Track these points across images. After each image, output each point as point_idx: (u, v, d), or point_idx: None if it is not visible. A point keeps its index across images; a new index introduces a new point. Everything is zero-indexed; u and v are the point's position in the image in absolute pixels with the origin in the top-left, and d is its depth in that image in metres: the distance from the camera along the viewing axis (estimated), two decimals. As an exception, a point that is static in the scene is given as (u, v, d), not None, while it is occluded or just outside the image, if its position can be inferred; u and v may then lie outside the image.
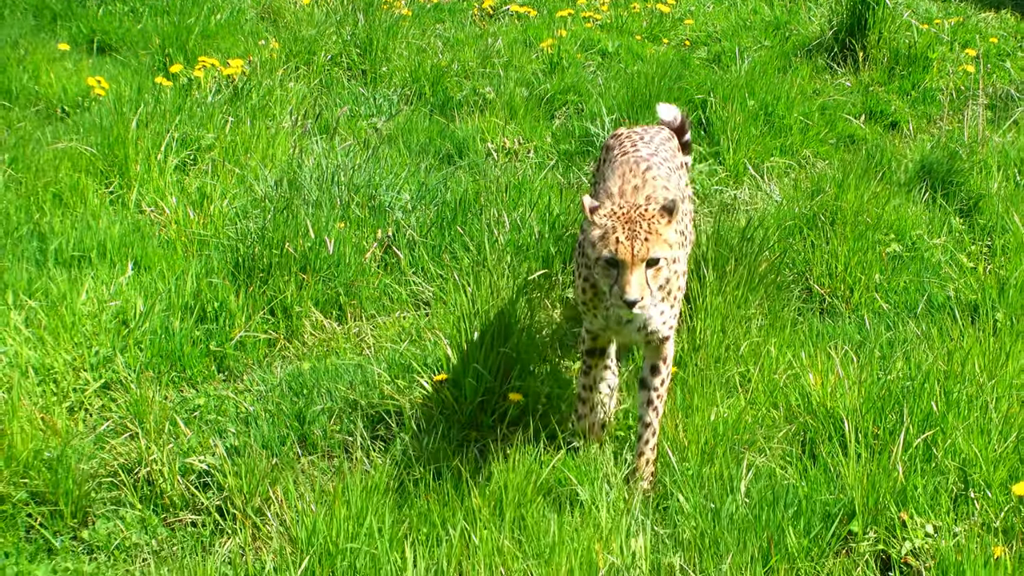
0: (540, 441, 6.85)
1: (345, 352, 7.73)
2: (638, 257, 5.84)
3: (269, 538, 6.11)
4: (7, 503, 6.34)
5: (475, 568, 5.72)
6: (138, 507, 6.47)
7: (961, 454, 6.45)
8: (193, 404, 7.25)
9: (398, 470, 6.48)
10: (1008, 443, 6.47)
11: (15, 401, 6.81)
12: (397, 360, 7.41)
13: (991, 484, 6.26)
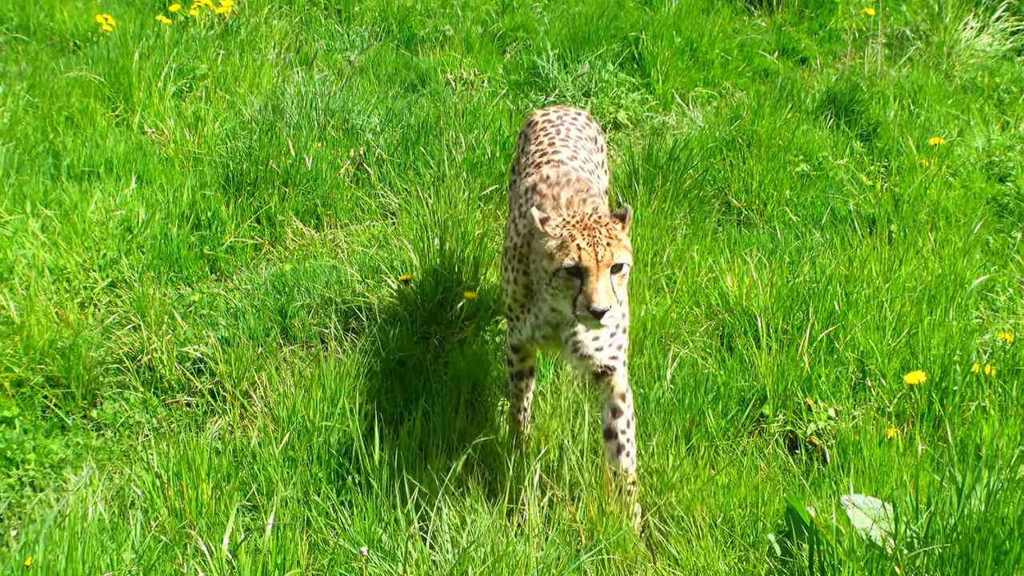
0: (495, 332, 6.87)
1: (322, 256, 7.72)
2: (603, 263, 4.96)
3: (255, 417, 6.12)
4: (25, 386, 6.36)
5: (435, 443, 5.73)
6: (140, 390, 6.49)
7: (859, 347, 6.50)
8: (189, 300, 7.25)
9: (368, 358, 6.48)
10: (900, 338, 6.51)
11: (33, 297, 6.83)
12: (367, 263, 7.41)
13: (886, 374, 6.30)
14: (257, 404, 6.18)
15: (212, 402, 6.38)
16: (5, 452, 5.93)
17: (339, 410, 5.91)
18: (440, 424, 5.87)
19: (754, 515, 5.29)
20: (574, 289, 4.97)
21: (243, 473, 5.56)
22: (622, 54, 10.89)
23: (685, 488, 5.49)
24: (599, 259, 4.92)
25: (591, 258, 4.92)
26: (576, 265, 4.94)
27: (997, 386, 6.18)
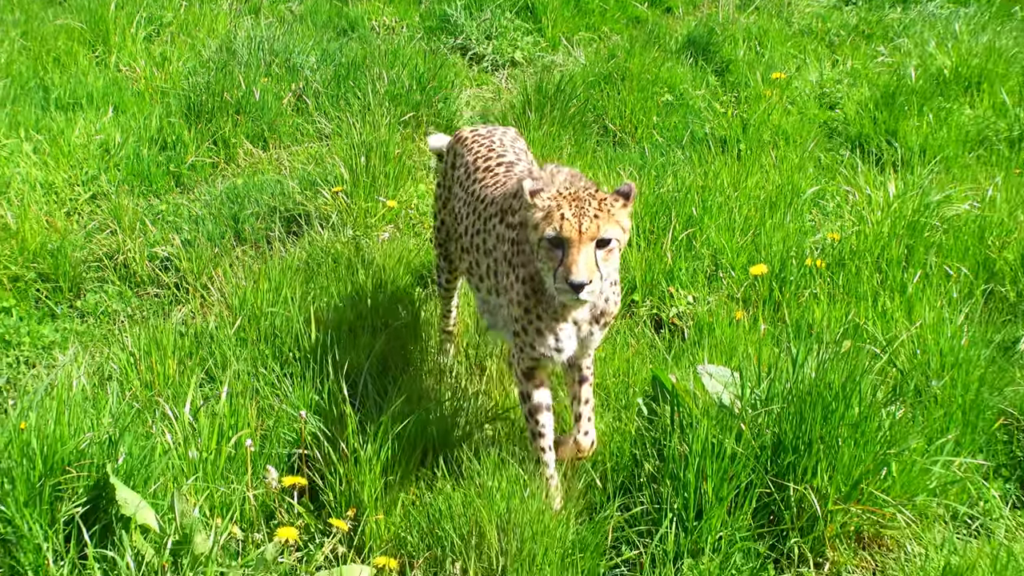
0: (411, 234, 6.89)
1: (268, 172, 7.72)
2: (586, 234, 4.14)
3: (212, 305, 6.13)
4: (20, 282, 6.38)
5: (362, 325, 5.75)
6: (117, 284, 6.50)
7: (713, 245, 6.56)
8: (157, 209, 7.25)
9: (306, 256, 6.50)
10: (747, 237, 6.57)
11: (26, 208, 6.91)
12: (306, 177, 7.39)
13: (735, 267, 6.38)
14: (214, 294, 6.18)
15: (177, 293, 6.39)
16: (3, 336, 5.93)
17: (282, 298, 5.91)
18: (366, 309, 5.89)
19: (625, 383, 5.35)
20: (555, 260, 4.18)
21: (202, 351, 5.57)
22: (518, 4, 10.83)
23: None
24: (582, 230, 4.11)
25: (573, 229, 4.12)
26: (557, 235, 4.14)
27: (826, 276, 6.28)
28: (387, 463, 4.63)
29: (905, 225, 6.64)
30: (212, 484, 4.48)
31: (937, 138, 8.06)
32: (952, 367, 5.37)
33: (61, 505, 4.22)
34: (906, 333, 5.66)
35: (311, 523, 4.49)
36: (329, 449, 4.70)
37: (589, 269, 4.11)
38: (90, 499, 4.25)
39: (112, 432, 4.44)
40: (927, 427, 5.06)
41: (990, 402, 5.28)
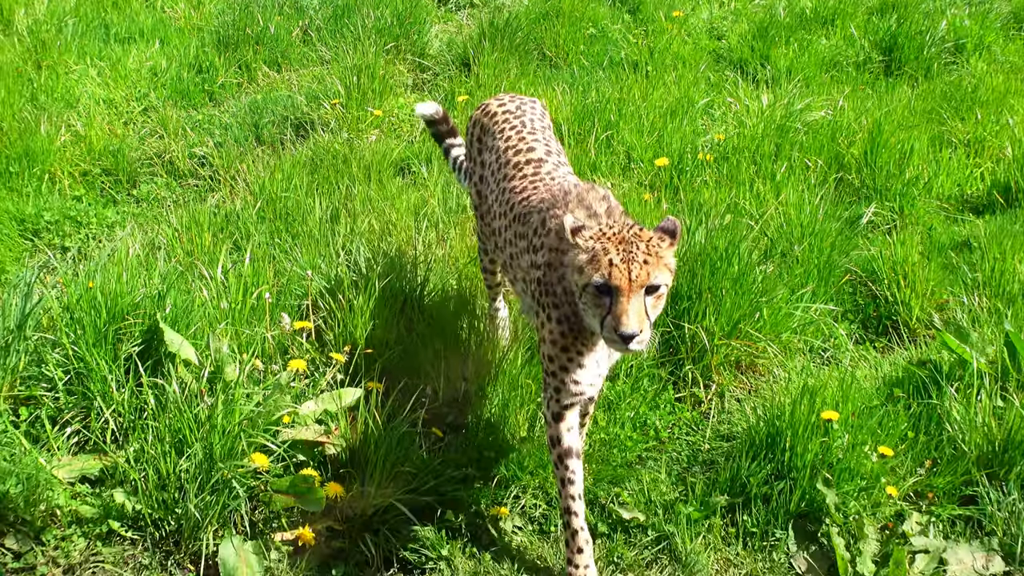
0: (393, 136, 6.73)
1: (281, 89, 7.47)
2: (636, 282, 3.17)
3: (238, 192, 5.99)
4: (88, 175, 6.34)
5: (352, 207, 5.64)
6: (164, 177, 6.37)
7: (627, 143, 6.45)
8: (195, 119, 7.03)
9: (311, 153, 6.35)
10: (653, 137, 6.47)
11: (92, 118, 6.77)
12: (311, 93, 7.16)
13: (643, 160, 6.28)
14: (240, 184, 6.04)
15: (211, 183, 6.25)
16: (76, 217, 5.80)
17: (293, 185, 5.79)
18: (359, 191, 5.77)
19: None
20: (603, 308, 3.21)
21: (231, 227, 5.48)
22: None
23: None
24: (632, 278, 3.15)
25: (623, 276, 3.14)
26: (606, 283, 3.16)
27: (714, 167, 6.20)
28: (374, 310, 4.56)
29: (775, 128, 6.57)
30: (239, 328, 4.40)
31: (800, 62, 7.94)
32: (810, 236, 5.38)
33: (121, 346, 4.16)
34: (774, 209, 5.64)
35: (316, 357, 4.43)
36: (330, 300, 4.62)
37: (639, 319, 3.15)
38: (144, 341, 4.20)
39: (160, 288, 4.37)
40: (790, 281, 5.06)
41: (839, 263, 5.32)
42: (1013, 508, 3.91)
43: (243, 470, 3.76)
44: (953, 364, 4.57)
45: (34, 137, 6.26)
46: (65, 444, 3.96)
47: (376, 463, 3.81)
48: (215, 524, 3.68)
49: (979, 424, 4.18)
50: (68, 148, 6.38)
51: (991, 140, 6.78)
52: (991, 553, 3.82)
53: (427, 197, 5.80)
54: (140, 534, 3.71)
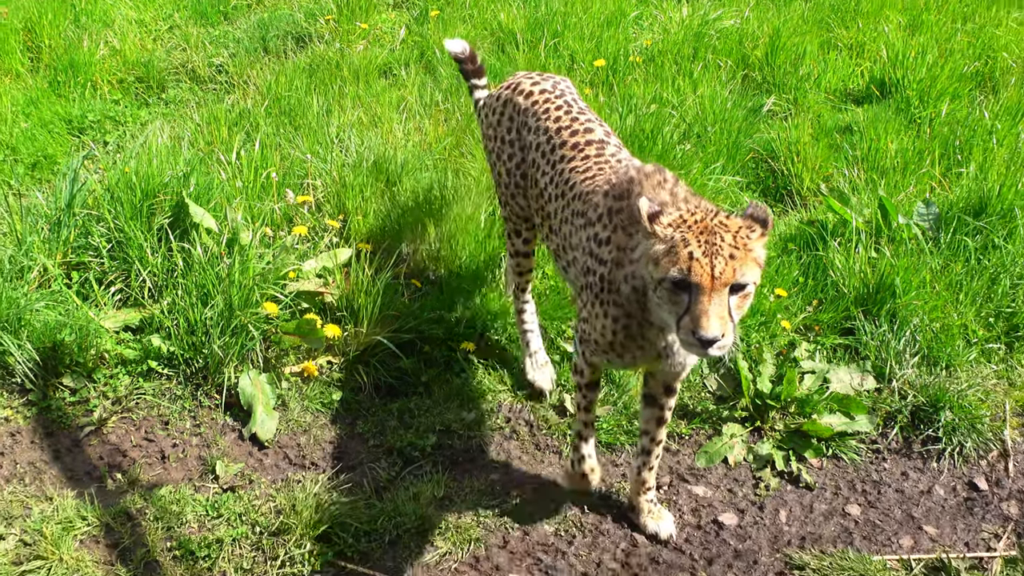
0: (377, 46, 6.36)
1: (284, 9, 6.94)
2: (720, 280, 2.28)
3: (249, 93, 5.61)
4: (124, 83, 5.97)
5: (344, 104, 5.34)
6: (188, 83, 5.98)
7: (571, 49, 6.11)
8: (212, 35, 6.53)
9: (309, 61, 5.98)
10: (592, 43, 6.13)
11: (126, 35, 6.34)
12: (309, 11, 6.68)
13: (585, 62, 5.96)
14: (251, 87, 5.68)
15: (227, 88, 5.85)
16: (115, 117, 5.52)
17: (294, 86, 5.47)
18: (350, 91, 5.47)
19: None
20: (680, 306, 2.32)
21: (244, 121, 5.15)
22: None
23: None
24: (715, 275, 2.25)
25: (705, 273, 2.25)
26: (685, 279, 2.27)
27: (642, 68, 5.91)
28: (363, 186, 4.35)
29: (693, 34, 6.25)
30: (251, 202, 4.19)
31: (715, -19, 7.57)
32: (720, 121, 5.17)
33: (154, 219, 3.95)
34: (692, 101, 5.41)
35: (315, 224, 4.23)
36: (326, 177, 4.41)
37: (721, 322, 2.25)
38: (172, 214, 3.98)
39: (185, 171, 4.13)
40: (704, 157, 4.88)
41: (744, 143, 5.13)
42: (883, 338, 3.86)
43: (257, 317, 3.61)
44: (836, 223, 4.45)
45: (77, 51, 5.88)
46: (110, 301, 3.79)
47: (365, 308, 3.67)
48: (235, 361, 3.55)
49: (857, 271, 4.09)
50: (106, 60, 5.99)
51: (870, 44, 6.53)
52: (865, 374, 3.78)
53: (406, 95, 5.51)
54: (174, 371, 3.58)
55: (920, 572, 2.99)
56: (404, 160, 4.64)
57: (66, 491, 3.12)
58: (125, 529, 2.99)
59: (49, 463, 3.23)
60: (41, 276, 3.82)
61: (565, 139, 3.12)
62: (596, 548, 3.05)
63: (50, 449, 3.28)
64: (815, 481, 3.35)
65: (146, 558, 2.90)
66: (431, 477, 3.26)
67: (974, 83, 5.96)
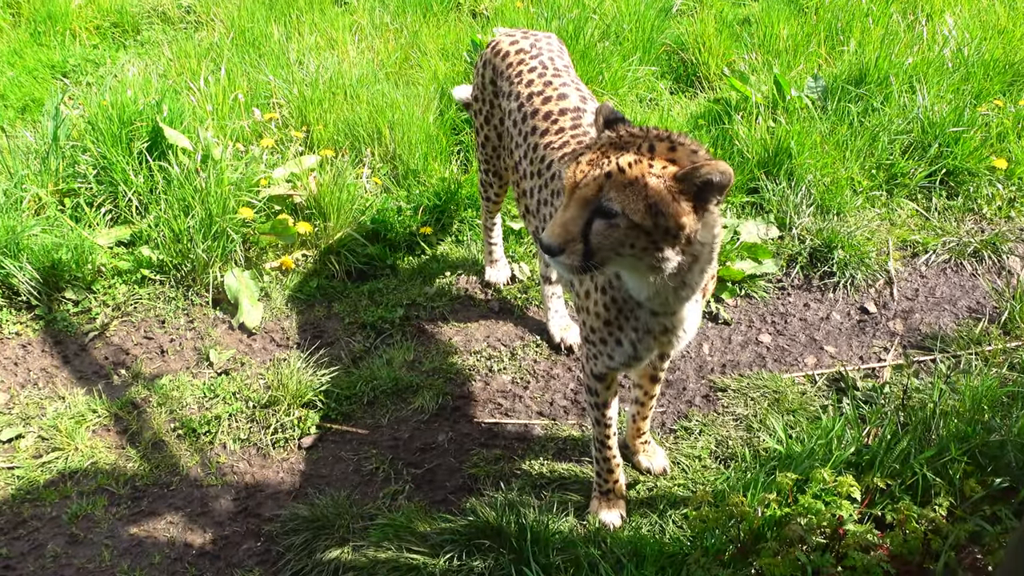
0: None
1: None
2: (579, 192, 1.62)
3: (217, 28, 5.11)
4: (100, 28, 5.35)
5: (302, 31, 4.87)
6: (160, 24, 5.43)
7: None
8: (180, -19, 5.96)
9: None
10: None
11: None
12: None
13: None
14: (217, 22, 5.15)
15: (196, 26, 5.32)
16: (95, 60, 5.01)
17: (255, 18, 4.96)
18: (307, 18, 4.98)
19: (457, 46, 4.64)
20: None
21: (212, 53, 4.67)
22: None
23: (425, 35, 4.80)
24: (577, 182, 1.64)
25: (569, 176, 1.67)
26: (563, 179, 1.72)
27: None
28: (322, 98, 3.97)
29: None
30: (222, 122, 3.80)
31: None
32: (635, 20, 4.77)
33: (134, 144, 3.55)
34: (609, 3, 5.01)
35: (282, 136, 3.86)
36: (288, 93, 4.01)
37: (564, 232, 1.64)
38: (150, 139, 3.59)
39: (157, 98, 3.71)
40: (622, 52, 4.52)
41: (657, 39, 4.77)
42: (783, 194, 3.65)
43: (235, 221, 3.30)
44: (739, 100, 4.17)
45: (53, 3, 5.29)
46: (102, 220, 3.45)
47: (331, 206, 3.37)
48: (219, 262, 3.26)
49: (758, 139, 3.83)
50: (83, 9, 5.39)
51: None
52: (769, 225, 3.57)
53: (358, 19, 5.04)
54: (166, 276, 3.28)
55: (823, 384, 2.86)
56: (360, 75, 4.25)
57: (76, 390, 2.87)
58: (132, 417, 2.76)
59: (59, 367, 2.96)
60: (36, 204, 3.46)
61: (537, 107, 2.41)
62: (549, 390, 2.88)
63: (59, 355, 3.01)
64: (732, 318, 3.18)
65: (153, 439, 2.68)
66: (401, 345, 3.05)
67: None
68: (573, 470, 2.56)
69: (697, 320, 1.97)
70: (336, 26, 4.89)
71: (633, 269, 1.74)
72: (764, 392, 2.82)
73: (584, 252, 1.66)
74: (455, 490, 2.52)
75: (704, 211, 1.66)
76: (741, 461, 2.52)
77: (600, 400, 2.24)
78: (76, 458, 2.61)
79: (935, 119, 3.85)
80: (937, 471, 2.22)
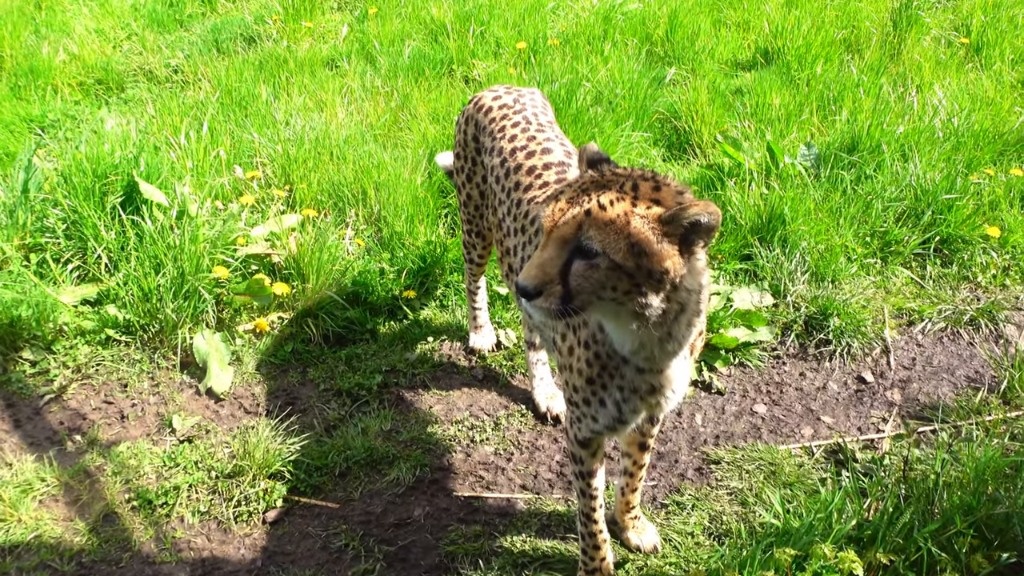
0: (322, 43, 5.96)
1: (235, 14, 6.52)
2: (557, 230, 1.56)
3: (204, 87, 5.21)
4: (84, 85, 5.50)
5: (290, 92, 4.98)
6: (146, 82, 5.53)
7: (497, 36, 5.77)
8: (169, 41, 6.06)
9: (260, 57, 5.54)
10: (515, 30, 5.82)
11: (84, 43, 5.85)
12: (258, 15, 6.24)
13: (509, 47, 5.61)
14: (204, 81, 5.27)
15: (183, 85, 5.41)
16: (75, 116, 5.11)
17: (244, 78, 5.09)
18: (296, 80, 5.09)
19: (448, 111, 4.75)
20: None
21: (196, 111, 4.72)
22: None
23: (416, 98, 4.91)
24: (556, 222, 1.58)
25: (547, 216, 1.60)
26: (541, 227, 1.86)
27: (560, 49, 5.60)
28: (307, 156, 4.02)
29: (602, 18, 6.01)
30: (201, 179, 3.84)
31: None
32: (629, 88, 4.92)
33: (107, 198, 3.57)
34: (603, 73, 5.16)
35: (264, 195, 3.89)
36: (272, 151, 4.06)
37: (541, 274, 1.57)
38: (125, 193, 3.61)
39: (135, 151, 3.75)
40: (615, 118, 4.63)
41: (650, 107, 4.89)
42: (777, 260, 3.68)
43: (208, 280, 3.29)
44: (732, 166, 4.25)
45: (36, 57, 5.42)
46: (68, 277, 3.42)
47: (311, 266, 3.36)
48: (189, 322, 3.23)
49: (751, 205, 3.89)
50: (67, 65, 5.52)
51: (755, 22, 6.34)
52: (763, 292, 3.59)
53: (348, 82, 5.17)
54: (131, 337, 3.24)
55: (821, 456, 2.81)
56: (347, 135, 4.32)
57: (26, 456, 2.78)
58: (84, 486, 2.67)
59: (9, 432, 2.88)
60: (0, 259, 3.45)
61: (521, 162, 2.36)
62: (533, 462, 2.81)
63: (11, 419, 2.93)
64: (725, 387, 3.15)
65: (105, 511, 2.59)
66: (378, 413, 2.99)
67: (843, 47, 5.82)
68: (558, 548, 2.47)
69: (686, 380, 1.89)
70: (326, 88, 5.01)
71: (615, 317, 1.65)
72: (760, 464, 2.77)
73: (563, 295, 1.57)
74: (430, 569, 2.42)
75: (691, 255, 1.59)
76: (736, 537, 2.45)
77: (585, 469, 2.15)
78: (19, 530, 2.50)
79: (928, 187, 3.93)
80: (942, 545, 2.16)
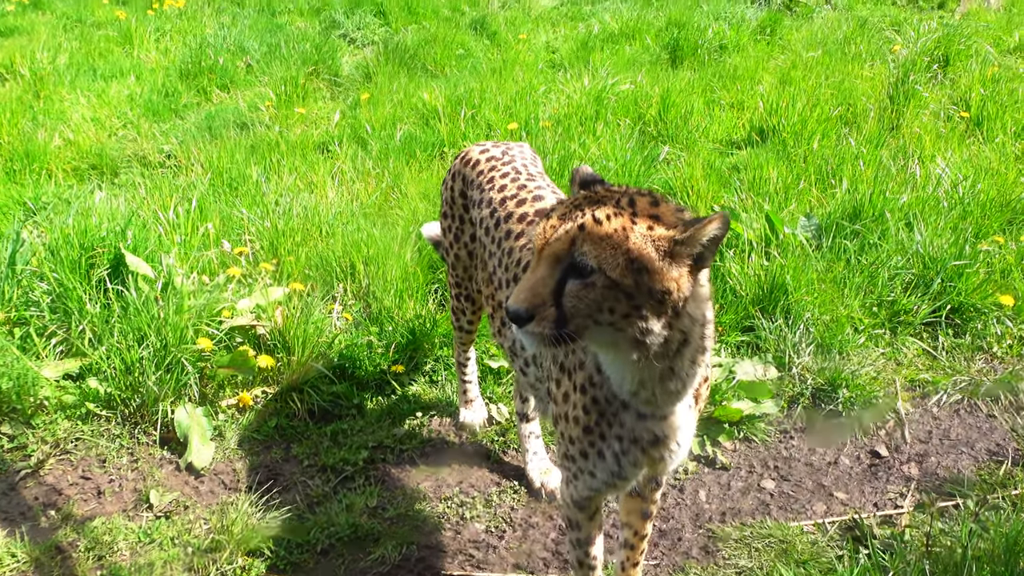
0: (314, 129, 6.20)
1: (229, 103, 6.81)
2: (549, 247, 1.49)
3: (196, 171, 5.39)
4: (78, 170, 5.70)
5: (281, 173, 5.14)
6: (139, 168, 5.69)
7: (488, 119, 5.99)
8: (163, 129, 6.29)
9: (252, 142, 5.76)
10: (507, 113, 6.07)
11: (80, 130, 6.07)
12: (251, 103, 6.53)
13: (501, 128, 5.85)
14: (197, 165, 5.45)
15: (175, 171, 5.56)
16: (68, 199, 5.12)
17: (235, 160, 5.26)
18: (288, 162, 5.27)
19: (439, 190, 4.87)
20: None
21: (185, 190, 4.87)
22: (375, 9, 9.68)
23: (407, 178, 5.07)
24: (547, 239, 1.52)
25: (540, 237, 1.54)
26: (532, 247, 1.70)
27: (552, 130, 5.83)
28: (295, 230, 4.12)
29: (594, 99, 6.27)
30: (188, 251, 3.92)
31: (612, 62, 7.58)
32: (622, 167, 5.08)
33: (94, 271, 3.65)
34: (595, 150, 5.35)
35: (252, 271, 3.96)
36: (261, 228, 4.16)
37: (532, 296, 1.49)
38: (112, 266, 3.68)
39: (122, 225, 3.85)
40: (609, 193, 4.75)
41: (643, 183, 5.02)
42: (780, 332, 3.71)
43: (192, 353, 3.31)
44: (730, 237, 4.34)
45: (32, 142, 5.62)
46: (52, 352, 3.45)
47: (297, 339, 3.39)
48: (171, 396, 3.23)
49: (751, 275, 3.96)
50: (61, 150, 5.72)
51: (749, 101, 6.61)
52: (767, 364, 3.61)
53: (339, 164, 5.34)
54: (112, 412, 3.24)
55: (835, 532, 2.75)
56: (337, 211, 4.44)
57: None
58: (55, 563, 2.61)
59: (-19, 507, 2.85)
60: (-18, 333, 3.48)
61: (512, 210, 2.33)
62: (527, 540, 2.76)
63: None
64: (730, 462, 3.12)
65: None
66: (364, 489, 2.95)
67: (840, 123, 6.04)
68: (553, 629, 2.40)
69: (691, 432, 1.81)
70: (316, 170, 5.18)
71: (614, 346, 1.57)
72: (770, 542, 2.71)
73: (556, 318, 1.48)
74: (416, 653, 2.34)
75: (698, 272, 1.55)
76: (744, 614, 2.37)
77: (582, 536, 2.07)
78: (-19, 612, 2.44)
79: (935, 254, 4.00)
80: (968, 624, 2.09)
